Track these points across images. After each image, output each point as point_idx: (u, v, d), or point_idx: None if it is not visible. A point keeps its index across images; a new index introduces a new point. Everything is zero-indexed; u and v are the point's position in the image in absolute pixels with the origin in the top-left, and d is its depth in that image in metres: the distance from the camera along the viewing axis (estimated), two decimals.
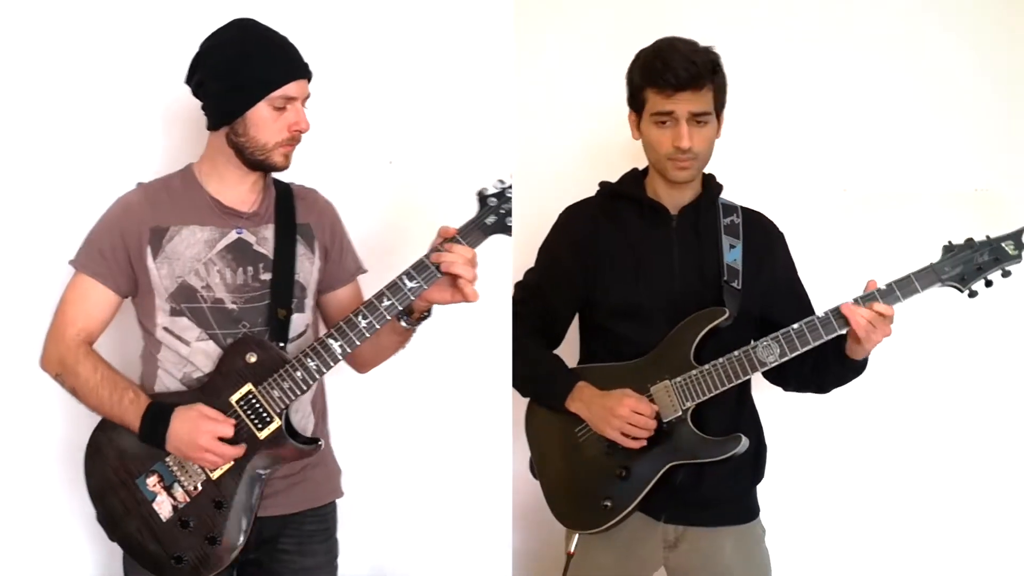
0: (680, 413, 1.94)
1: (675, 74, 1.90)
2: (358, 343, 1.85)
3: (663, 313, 2.00)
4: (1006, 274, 1.87)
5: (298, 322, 1.98)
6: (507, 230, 1.86)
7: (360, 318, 1.85)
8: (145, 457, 1.85)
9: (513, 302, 2.18)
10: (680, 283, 2.02)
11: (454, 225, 1.84)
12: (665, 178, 2.03)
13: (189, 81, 1.94)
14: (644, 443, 1.94)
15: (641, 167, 2.17)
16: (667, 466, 1.95)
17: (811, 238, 2.16)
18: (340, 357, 1.86)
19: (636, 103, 2.03)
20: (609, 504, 1.97)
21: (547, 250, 2.19)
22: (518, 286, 2.21)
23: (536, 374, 2.10)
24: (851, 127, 2.56)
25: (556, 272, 2.14)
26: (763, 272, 2.05)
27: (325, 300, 2.12)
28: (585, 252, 2.09)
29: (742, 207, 2.10)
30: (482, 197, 1.85)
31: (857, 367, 1.97)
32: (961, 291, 1.88)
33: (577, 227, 2.15)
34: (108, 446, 1.88)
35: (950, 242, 1.90)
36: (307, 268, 2.01)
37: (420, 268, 1.84)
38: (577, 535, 2.03)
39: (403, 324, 1.93)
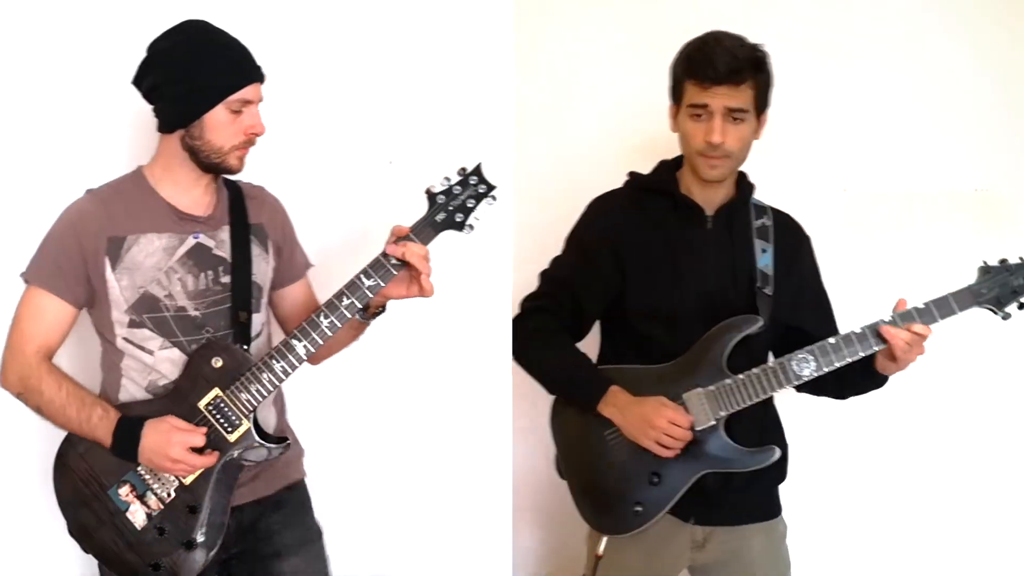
0: (714, 422, 1.92)
1: (714, 67, 1.86)
2: (321, 342, 1.88)
3: (695, 316, 1.96)
4: None
5: (256, 322, 2.00)
6: (458, 226, 1.91)
7: (322, 317, 1.88)
8: (115, 468, 1.85)
9: (539, 294, 2.13)
10: (713, 286, 1.97)
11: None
12: (696, 175, 1.99)
13: (139, 83, 1.92)
14: (678, 452, 1.92)
15: (659, 161, 2.13)
16: (700, 474, 1.93)
17: (811, 238, 2.15)
18: (304, 357, 1.88)
19: (676, 94, 1.98)
20: (640, 509, 1.94)
21: (577, 242, 2.12)
22: (545, 276, 2.14)
23: (567, 375, 2.05)
24: (851, 127, 2.55)
25: (586, 267, 2.08)
26: (791, 277, 2.01)
27: (278, 297, 2.14)
28: (617, 247, 2.04)
29: (772, 208, 2.06)
30: (430, 195, 1.91)
31: (880, 380, 1.97)
32: (996, 314, 1.88)
33: (609, 220, 2.08)
34: (76, 459, 1.88)
35: (985, 262, 1.90)
36: (263, 268, 2.03)
37: (377, 266, 1.89)
38: (606, 538, 2.02)
39: (359, 318, 1.97)
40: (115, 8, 2.32)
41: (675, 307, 1.98)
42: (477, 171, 1.92)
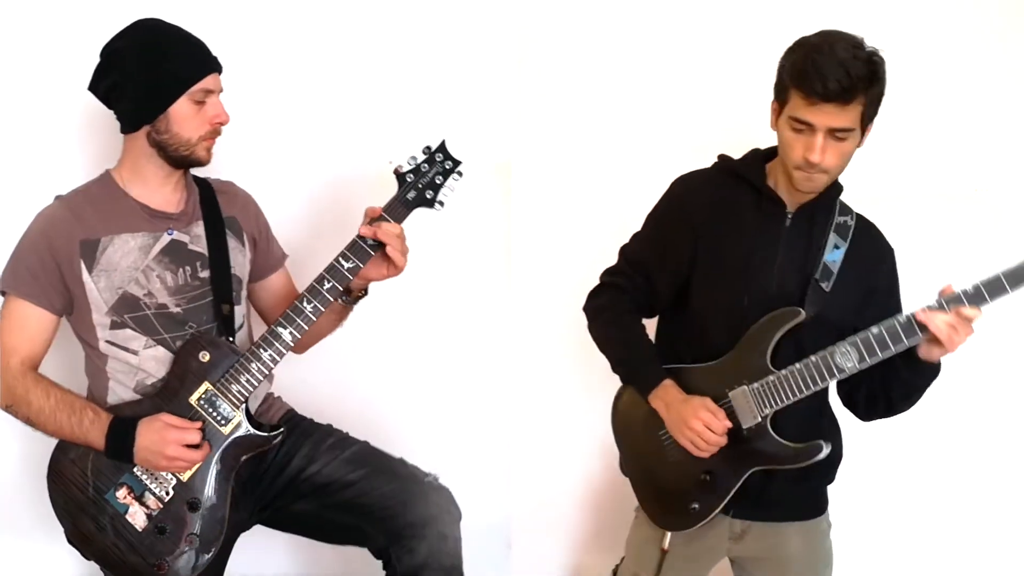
0: (760, 420, 1.88)
1: (824, 84, 1.71)
2: (306, 327, 1.89)
3: (753, 309, 1.90)
4: None
5: (238, 314, 2.00)
6: (429, 203, 1.94)
7: (305, 303, 1.89)
8: (111, 471, 1.85)
9: (615, 270, 2.08)
10: (776, 281, 1.91)
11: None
12: (789, 181, 1.89)
13: (96, 87, 1.91)
14: (714, 452, 1.89)
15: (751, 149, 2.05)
16: (749, 471, 1.91)
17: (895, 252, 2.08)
18: (291, 344, 1.89)
19: (780, 96, 1.84)
20: (696, 507, 1.95)
21: (656, 220, 2.06)
22: (622, 252, 2.09)
23: (627, 357, 2.03)
24: None
25: (661, 246, 2.02)
26: (862, 283, 1.92)
27: (258, 288, 2.15)
28: (695, 229, 1.97)
29: (859, 214, 1.99)
30: (399, 175, 1.94)
31: (927, 373, 1.85)
32: None
33: (689, 200, 2.01)
34: (69, 465, 1.86)
35: None
36: (240, 261, 2.03)
37: (354, 248, 1.91)
38: (669, 533, 2.02)
39: (341, 302, 1.99)
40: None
41: (736, 305, 1.92)
42: (442, 148, 1.95)
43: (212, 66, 1.91)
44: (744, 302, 1.91)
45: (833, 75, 1.71)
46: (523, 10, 2.55)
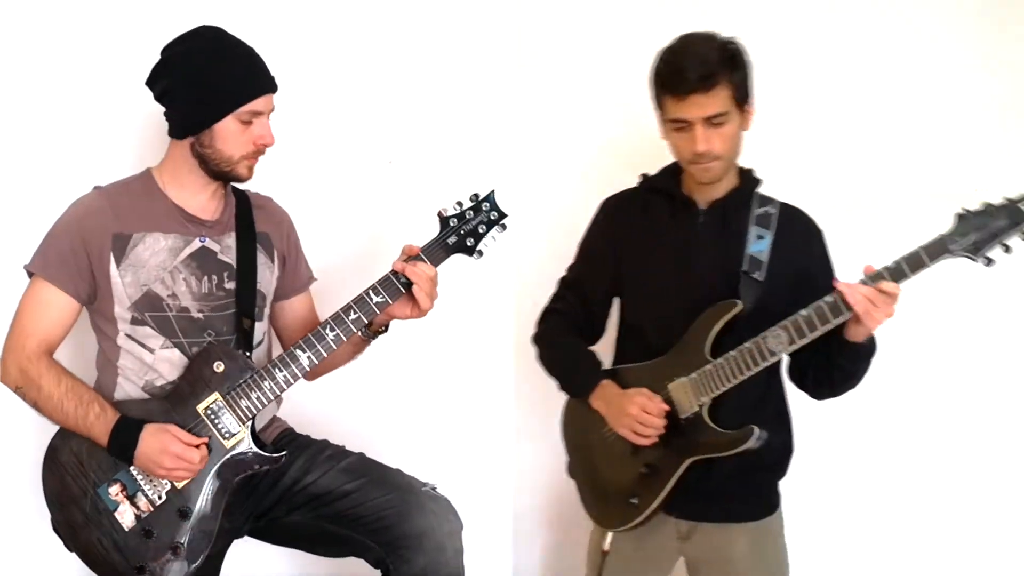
0: (697, 408, 1.92)
1: (684, 78, 1.84)
2: (325, 354, 1.89)
3: (683, 310, 1.96)
4: None
5: (258, 330, 2.01)
6: (469, 251, 1.95)
7: (328, 330, 1.89)
8: (108, 466, 1.84)
9: (555, 297, 2.20)
10: (699, 279, 1.98)
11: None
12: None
13: (152, 84, 1.92)
14: (655, 439, 1.94)
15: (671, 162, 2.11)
16: (687, 462, 1.94)
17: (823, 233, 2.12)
18: (307, 368, 1.89)
19: (658, 106, 1.97)
20: (636, 501, 1.98)
21: (583, 244, 2.19)
22: (560, 281, 2.21)
23: (566, 369, 2.12)
24: (851, 127, 2.54)
25: (590, 266, 2.15)
26: (793, 266, 1.97)
27: (279, 308, 2.15)
28: (616, 247, 2.09)
29: (782, 202, 2.04)
30: (442, 218, 1.94)
31: (861, 353, 1.89)
32: (974, 260, 1.74)
33: (610, 221, 2.13)
34: (68, 454, 1.86)
35: (965, 209, 1.75)
36: (267, 277, 2.04)
37: (386, 283, 1.92)
38: (611, 533, 2.05)
39: (361, 335, 1.98)
40: (126, 8, 2.34)
41: (665, 302, 2.00)
42: (490, 198, 1.96)
43: (267, 87, 1.91)
44: (673, 305, 1.98)
45: (691, 67, 1.84)
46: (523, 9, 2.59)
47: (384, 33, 2.52)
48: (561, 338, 2.14)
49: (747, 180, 2.03)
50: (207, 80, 1.86)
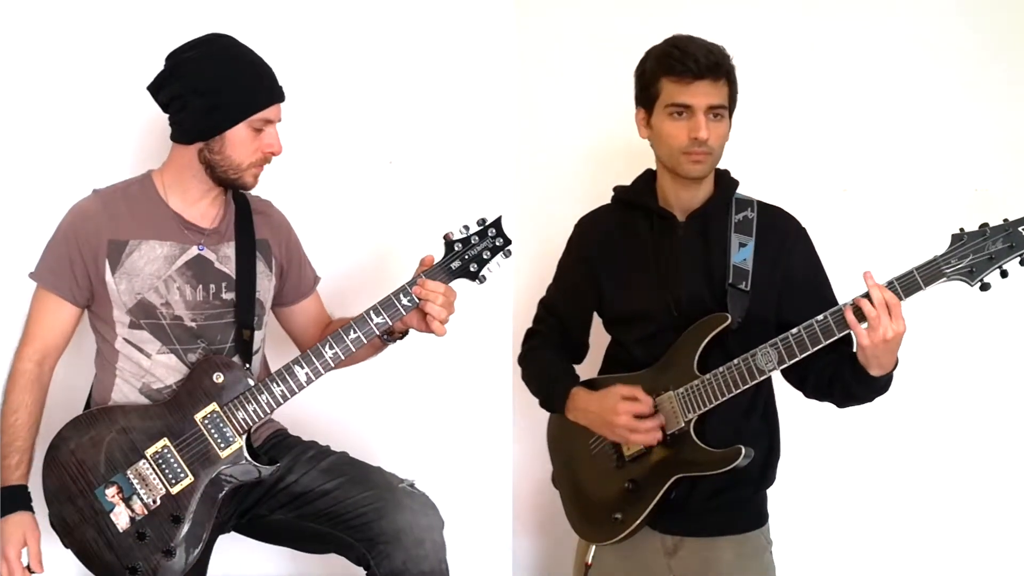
0: (683, 424, 1.90)
1: (695, 60, 1.84)
2: (323, 371, 1.93)
3: (670, 323, 1.95)
4: None
5: (257, 339, 2.05)
6: (471, 276, 1.96)
7: (327, 348, 1.93)
8: (105, 467, 1.89)
9: (535, 319, 2.21)
10: (686, 291, 1.95)
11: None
12: (677, 174, 1.94)
13: (157, 90, 1.92)
14: (659, 436, 1.91)
15: (644, 169, 2.12)
16: (673, 479, 1.91)
17: (811, 238, 2.11)
18: (305, 384, 1.93)
19: (648, 97, 1.94)
20: (620, 517, 1.96)
21: (560, 265, 2.19)
22: (539, 304, 2.22)
23: (542, 386, 2.11)
24: (851, 127, 2.55)
25: (568, 287, 2.15)
26: (777, 271, 1.95)
27: (290, 313, 2.19)
28: (592, 265, 2.07)
29: (759, 202, 2.01)
30: (448, 242, 1.96)
31: (877, 386, 1.84)
32: (971, 285, 1.70)
33: (587, 240, 2.12)
34: (67, 454, 1.90)
35: (961, 230, 1.72)
36: (265, 286, 2.07)
37: (386, 304, 1.94)
38: (594, 547, 2.05)
39: (381, 340, 2.02)
40: (126, 12, 2.34)
41: (650, 316, 1.97)
42: (496, 224, 1.97)
43: (277, 96, 1.94)
44: (656, 314, 1.96)
45: (701, 53, 1.85)
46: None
47: (384, 33, 2.52)
48: (538, 355, 2.15)
49: (724, 185, 2.01)
50: (221, 86, 1.88)
